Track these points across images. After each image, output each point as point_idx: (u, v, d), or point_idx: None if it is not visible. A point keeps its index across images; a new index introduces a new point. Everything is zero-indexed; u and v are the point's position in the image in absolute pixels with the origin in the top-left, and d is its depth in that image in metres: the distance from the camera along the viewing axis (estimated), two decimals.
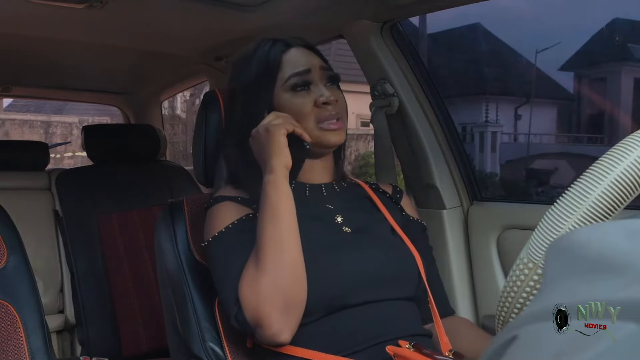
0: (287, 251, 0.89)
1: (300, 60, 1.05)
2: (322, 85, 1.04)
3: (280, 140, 0.94)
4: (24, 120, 11.95)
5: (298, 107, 1.02)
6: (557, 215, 0.48)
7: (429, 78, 1.42)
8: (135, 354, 1.94)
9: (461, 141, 1.45)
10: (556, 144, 11.22)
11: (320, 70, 1.06)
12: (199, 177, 1.24)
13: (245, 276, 0.89)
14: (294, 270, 0.89)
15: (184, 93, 8.95)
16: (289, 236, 0.90)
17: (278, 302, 0.87)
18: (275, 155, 0.94)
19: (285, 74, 1.04)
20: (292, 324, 0.89)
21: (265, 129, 0.96)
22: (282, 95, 1.04)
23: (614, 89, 10.42)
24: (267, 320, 0.87)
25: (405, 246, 1.05)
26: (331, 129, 1.03)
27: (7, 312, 0.98)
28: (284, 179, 0.93)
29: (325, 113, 1.02)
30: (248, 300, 0.88)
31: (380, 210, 1.10)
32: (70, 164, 8.82)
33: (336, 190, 1.10)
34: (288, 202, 0.92)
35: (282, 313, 0.88)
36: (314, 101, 1.03)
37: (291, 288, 0.88)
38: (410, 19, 1.55)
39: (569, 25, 12.16)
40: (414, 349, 0.90)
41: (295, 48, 1.06)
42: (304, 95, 1.03)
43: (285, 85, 1.03)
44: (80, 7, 1.46)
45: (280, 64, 1.04)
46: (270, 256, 0.88)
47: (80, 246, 2.00)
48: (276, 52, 1.05)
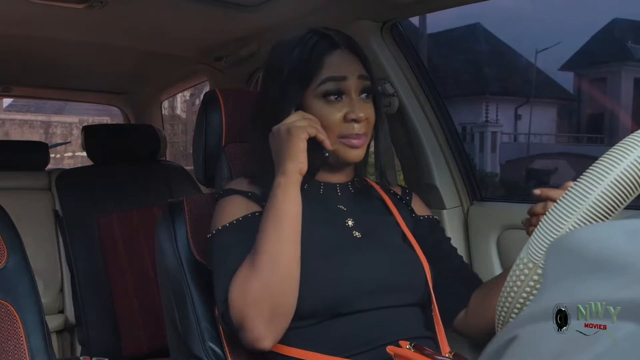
0: (283, 258, 0.88)
1: (340, 66, 0.98)
2: (355, 97, 0.99)
3: (300, 145, 0.90)
4: (24, 120, 11.96)
5: (326, 116, 0.97)
6: (557, 215, 0.48)
7: (429, 78, 1.41)
8: (135, 354, 1.94)
9: (461, 141, 1.45)
10: (556, 144, 11.23)
11: (357, 79, 0.99)
12: (199, 177, 1.24)
13: (237, 276, 0.89)
14: (288, 278, 0.88)
15: (184, 93, 8.95)
16: (288, 243, 0.89)
17: (265, 307, 0.86)
18: (291, 159, 0.90)
19: (321, 77, 0.98)
20: (276, 331, 0.88)
21: (287, 129, 0.92)
22: (313, 99, 0.98)
23: (614, 89, 10.42)
24: (250, 324, 0.87)
25: (414, 253, 1.03)
26: (352, 145, 0.98)
27: (7, 312, 0.98)
28: (295, 184, 0.91)
29: (352, 131, 0.98)
30: (235, 301, 0.87)
31: (392, 213, 1.09)
32: (70, 164, 8.82)
33: (350, 191, 1.08)
34: (294, 209, 0.90)
35: (267, 320, 0.87)
36: (343, 115, 0.97)
37: (281, 296, 0.87)
38: (410, 19, 1.55)
39: (569, 25, 12.16)
40: (414, 349, 0.90)
41: (340, 50, 0.99)
42: (334, 104, 0.98)
43: (318, 89, 0.98)
44: (80, 7, 1.46)
45: (320, 65, 0.98)
46: (265, 261, 0.87)
47: (80, 246, 2.00)
48: (320, 50, 0.98)
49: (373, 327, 0.95)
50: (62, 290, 2.05)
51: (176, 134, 9.74)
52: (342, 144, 0.98)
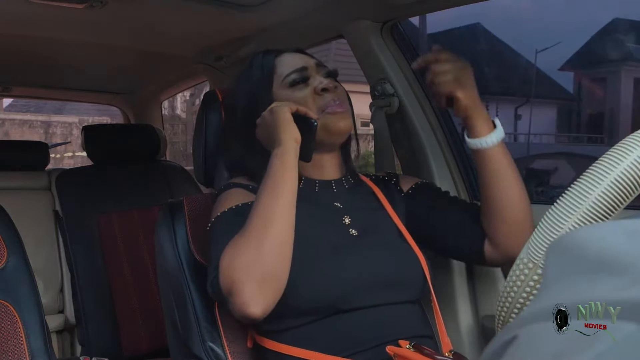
0: (277, 223, 0.87)
1: (295, 61, 1.08)
2: (319, 77, 1.06)
3: (286, 116, 0.95)
4: (24, 120, 11.96)
5: (299, 99, 1.02)
6: (557, 215, 0.48)
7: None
8: (135, 354, 1.94)
9: (461, 141, 1.45)
10: (556, 144, 11.22)
11: (316, 67, 1.08)
12: (199, 177, 1.24)
13: (230, 243, 0.88)
14: (280, 245, 0.87)
15: (184, 93, 8.94)
16: (284, 210, 0.89)
17: (255, 272, 0.84)
18: (282, 130, 0.94)
19: (282, 73, 1.06)
20: (266, 299, 0.85)
21: (269, 111, 0.98)
22: (281, 93, 1.05)
23: (614, 89, 10.42)
24: (238, 286, 0.84)
25: (411, 249, 1.04)
26: (336, 112, 1.03)
27: (7, 312, 0.98)
28: (292, 152, 0.93)
29: (326, 100, 1.03)
30: (226, 264, 0.86)
31: (385, 208, 1.10)
32: (70, 164, 8.82)
33: (345, 187, 1.09)
34: (291, 176, 0.91)
35: (257, 284, 0.84)
36: (313, 90, 1.04)
37: (272, 263, 0.86)
38: (410, 19, 1.55)
39: (569, 25, 12.16)
40: (414, 349, 0.90)
41: (288, 53, 1.10)
42: (302, 88, 1.05)
43: (283, 82, 1.05)
44: (80, 7, 1.46)
45: (274, 65, 1.07)
46: (259, 226, 0.87)
47: (80, 246, 2.00)
48: (269, 57, 1.09)
49: (372, 325, 0.95)
50: (62, 290, 2.05)
51: (176, 134, 9.74)
52: (327, 114, 1.02)
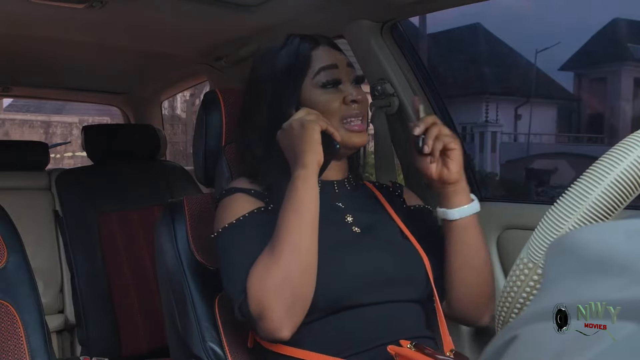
0: (304, 247, 0.89)
1: (328, 56, 1.05)
2: (349, 84, 1.05)
3: (315, 137, 0.94)
4: (24, 120, 11.96)
5: (327, 103, 1.02)
6: (557, 215, 0.48)
7: (429, 78, 1.42)
8: (135, 354, 1.94)
9: (461, 141, 1.45)
10: (556, 144, 11.22)
11: (346, 67, 1.06)
12: (199, 177, 1.24)
13: (257, 265, 0.89)
14: (308, 267, 0.89)
15: (184, 93, 8.95)
16: (308, 233, 0.90)
17: (285, 296, 0.87)
18: (309, 151, 0.93)
19: (314, 69, 1.03)
20: (294, 321, 0.88)
21: (300, 123, 0.96)
22: (311, 91, 1.03)
23: (614, 89, 10.42)
24: (270, 312, 0.87)
25: (414, 248, 1.04)
26: (355, 130, 1.03)
27: (7, 312, 0.98)
28: (315, 175, 0.93)
29: (352, 111, 1.03)
30: (255, 289, 0.87)
31: (386, 210, 1.10)
32: (70, 164, 8.82)
33: (347, 188, 1.10)
34: (314, 200, 0.92)
35: (287, 308, 0.87)
36: (342, 98, 1.03)
37: (301, 285, 0.88)
38: (410, 19, 1.55)
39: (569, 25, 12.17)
40: (415, 348, 0.90)
41: (323, 45, 1.06)
42: (332, 92, 1.03)
43: (314, 80, 1.03)
44: (80, 7, 1.46)
45: (309, 59, 1.04)
46: (287, 249, 0.88)
47: (80, 246, 2.00)
48: (305, 47, 1.05)
49: (374, 323, 0.95)
50: (62, 290, 2.05)
51: (176, 134, 9.75)
52: (345, 129, 1.03)
